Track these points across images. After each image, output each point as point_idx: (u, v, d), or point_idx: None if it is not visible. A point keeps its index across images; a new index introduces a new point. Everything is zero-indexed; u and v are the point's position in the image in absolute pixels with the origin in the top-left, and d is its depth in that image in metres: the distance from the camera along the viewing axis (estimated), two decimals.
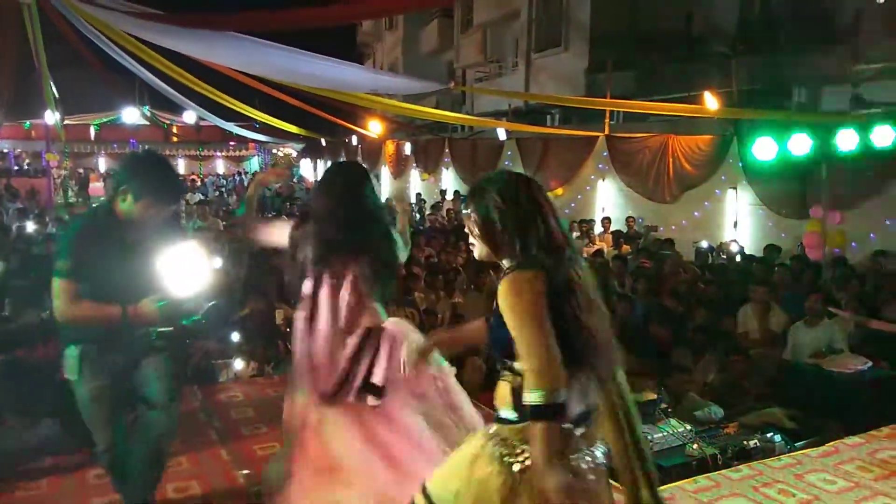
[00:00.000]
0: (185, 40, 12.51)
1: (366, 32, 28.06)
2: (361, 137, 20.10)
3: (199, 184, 24.12)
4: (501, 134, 13.05)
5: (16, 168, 25.78)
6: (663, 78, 11.70)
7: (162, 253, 2.64)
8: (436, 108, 16.82)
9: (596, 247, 9.98)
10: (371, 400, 2.70)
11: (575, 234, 10.47)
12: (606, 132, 11.57)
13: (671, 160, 10.25)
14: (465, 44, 18.93)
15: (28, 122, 25.00)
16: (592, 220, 11.09)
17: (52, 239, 9.43)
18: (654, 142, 10.58)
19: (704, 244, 9.41)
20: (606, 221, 11.01)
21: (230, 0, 17.58)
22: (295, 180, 25.22)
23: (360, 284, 2.76)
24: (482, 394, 4.97)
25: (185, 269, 2.65)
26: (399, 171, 18.78)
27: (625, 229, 10.57)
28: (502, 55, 17.20)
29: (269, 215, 11.22)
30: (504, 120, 14.16)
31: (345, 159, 22.31)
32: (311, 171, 27.02)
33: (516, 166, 13.58)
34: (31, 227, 10.60)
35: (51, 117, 21.02)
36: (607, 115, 11.61)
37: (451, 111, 16.68)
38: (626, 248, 9.68)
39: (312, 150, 26.04)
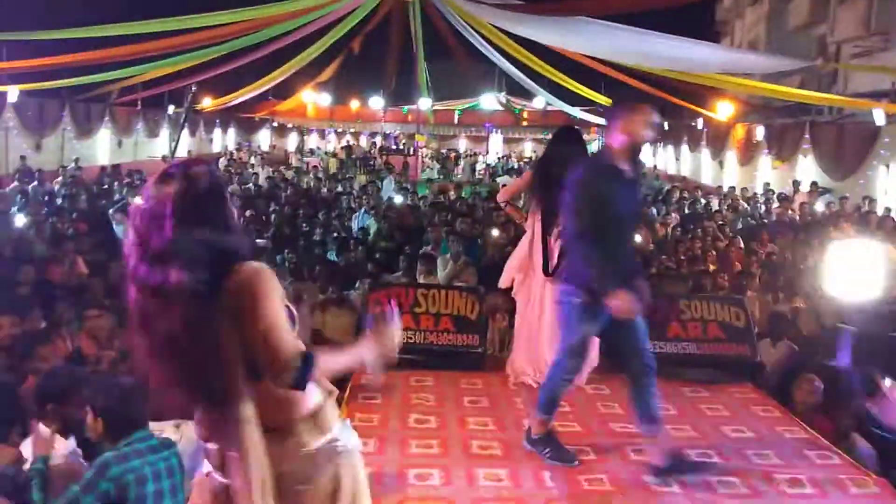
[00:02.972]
0: (539, 28, 13.14)
1: (726, 9, 26.16)
2: (707, 121, 18.92)
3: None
4: (879, 117, 11.11)
5: (394, 147, 29.90)
6: None
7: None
8: (800, 87, 15.02)
9: None
10: None
11: None
12: None
13: None
14: (843, 16, 16.45)
15: (406, 108, 28.75)
16: None
17: (414, 210, 10.82)
18: None
19: None
20: None
21: None
22: None
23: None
24: (816, 416, 4.38)
25: None
26: (747, 157, 17.26)
27: None
28: (891, 26, 14.57)
29: None
30: (885, 101, 12.03)
31: (688, 144, 21.31)
32: (650, 156, 26.32)
33: (894, 156, 11.50)
34: (398, 199, 12.25)
35: (424, 103, 23.97)
36: None
37: (819, 92, 14.73)
38: None
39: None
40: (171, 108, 20.54)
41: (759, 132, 16.28)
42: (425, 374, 4.51)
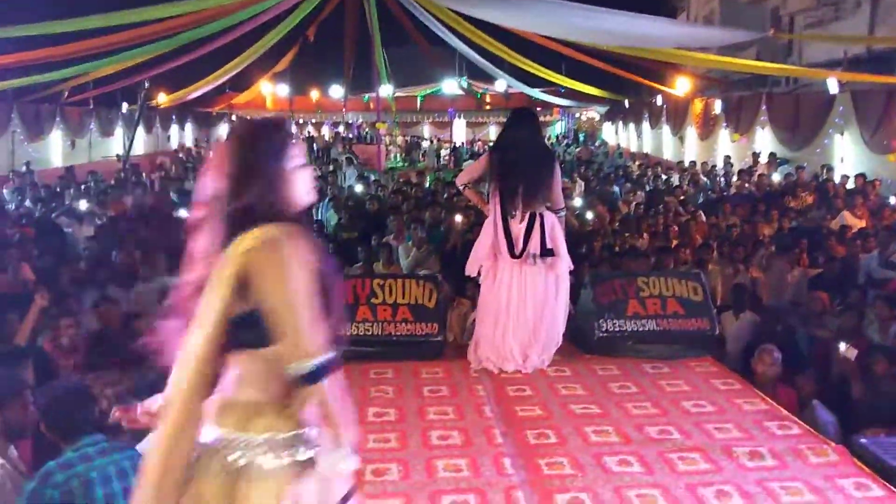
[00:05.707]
0: (495, 10, 13.00)
1: None
2: (667, 97, 19.01)
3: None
4: (832, 86, 11.23)
5: (356, 136, 29.58)
6: None
7: None
8: (756, 60, 15.13)
9: None
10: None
11: None
12: None
13: None
14: None
15: (367, 96, 28.38)
16: None
17: (377, 200, 10.65)
18: None
19: None
20: None
21: None
22: (596, 144, 24.95)
23: None
24: (779, 386, 4.39)
25: None
26: (707, 131, 17.39)
27: None
28: None
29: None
30: (839, 70, 12.16)
31: (648, 121, 21.44)
32: (613, 134, 26.44)
33: (849, 124, 11.64)
34: (358, 188, 12.07)
35: (384, 90, 23.68)
36: None
37: (775, 63, 14.84)
38: None
39: (615, 113, 25.44)
40: (124, 106, 20.01)
41: (717, 106, 16.39)
42: (385, 366, 4.42)
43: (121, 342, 4.74)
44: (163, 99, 20.60)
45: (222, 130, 29.38)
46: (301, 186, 1.86)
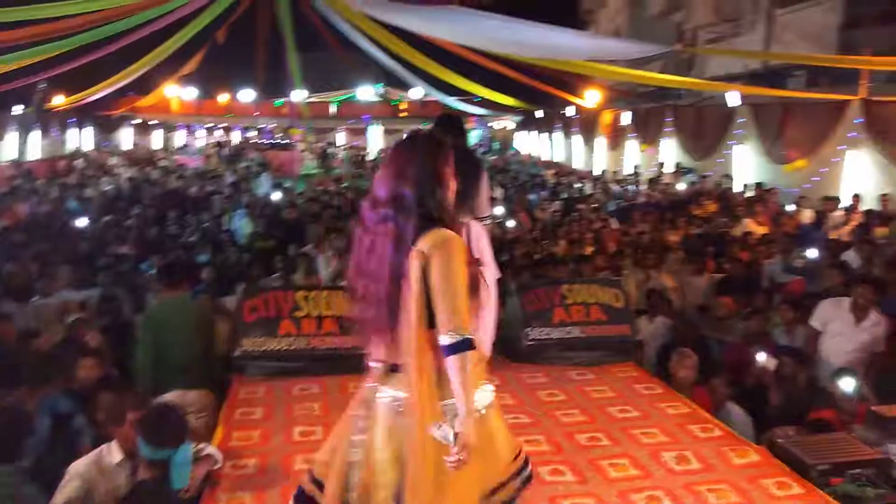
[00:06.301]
0: (412, 17, 13.01)
1: None
2: (578, 108, 19.57)
3: None
4: (732, 99, 11.85)
5: (268, 142, 28.88)
6: None
7: None
8: (661, 73, 15.80)
9: (844, 228, 8.72)
10: None
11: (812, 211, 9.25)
12: (863, 95, 9.99)
13: None
14: (696, 3, 17.50)
15: (279, 100, 27.77)
16: (837, 198, 9.70)
17: (296, 208, 10.39)
18: None
19: None
20: (856, 199, 9.56)
21: None
22: (510, 153, 25.39)
23: None
24: (695, 388, 4.52)
25: None
26: (616, 141, 18.02)
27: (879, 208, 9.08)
28: (739, 13, 15.62)
29: None
30: (739, 83, 12.87)
31: (561, 131, 22.00)
32: (527, 143, 26.98)
33: (750, 135, 12.32)
34: (275, 195, 11.77)
35: (297, 95, 23.22)
36: (865, 76, 10.01)
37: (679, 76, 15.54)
38: (881, 230, 8.32)
39: (529, 123, 25.98)
40: (17, 109, 18.72)
41: (626, 117, 17.00)
42: (310, 382, 4.27)
43: (16, 360, 4.40)
44: (60, 101, 19.44)
45: (125, 135, 28.02)
46: (452, 191, 2.24)
